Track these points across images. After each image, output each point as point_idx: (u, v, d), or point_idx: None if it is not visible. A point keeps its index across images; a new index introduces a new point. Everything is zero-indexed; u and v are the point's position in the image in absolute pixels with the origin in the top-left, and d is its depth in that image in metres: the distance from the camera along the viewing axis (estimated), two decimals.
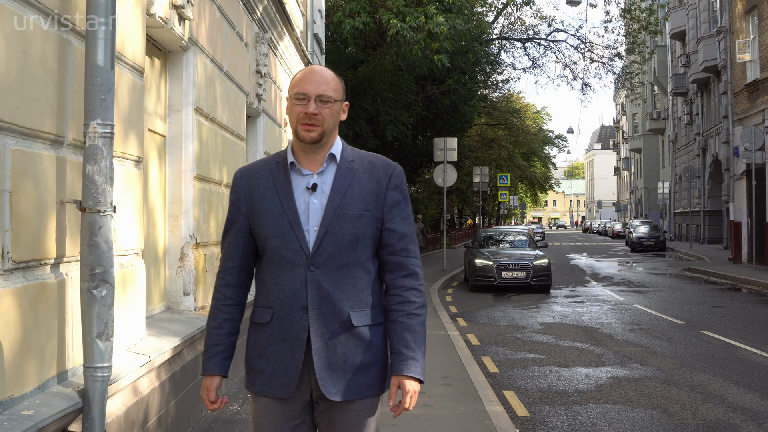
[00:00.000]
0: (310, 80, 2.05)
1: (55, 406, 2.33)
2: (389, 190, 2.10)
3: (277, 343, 2.05)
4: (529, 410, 5.44)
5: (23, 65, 2.28)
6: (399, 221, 2.11)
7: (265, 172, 2.10)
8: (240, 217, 2.11)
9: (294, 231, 2.02)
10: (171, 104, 4.38)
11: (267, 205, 2.06)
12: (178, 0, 3.87)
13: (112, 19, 2.54)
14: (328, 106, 2.04)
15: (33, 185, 2.35)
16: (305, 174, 2.07)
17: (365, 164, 2.12)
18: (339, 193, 2.05)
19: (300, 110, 2.03)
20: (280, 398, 2.05)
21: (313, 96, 2.02)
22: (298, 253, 2.02)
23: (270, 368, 2.06)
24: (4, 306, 2.16)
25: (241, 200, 2.11)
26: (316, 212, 2.04)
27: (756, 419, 5.17)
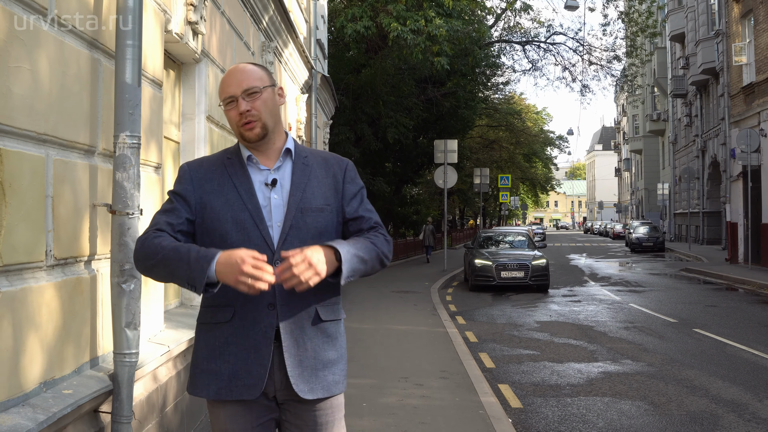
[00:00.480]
0: (230, 82, 2.00)
1: (91, 387, 2.63)
2: (346, 184, 2.10)
3: (238, 343, 1.96)
4: (522, 402, 5.73)
5: (63, 84, 2.58)
6: (362, 210, 2.10)
7: (218, 167, 2.04)
8: (184, 206, 1.99)
9: (257, 226, 1.97)
10: (184, 112, 4.67)
11: (225, 200, 1.99)
12: (192, 17, 4.16)
13: (138, 42, 2.83)
14: (256, 96, 1.99)
15: (70, 191, 2.64)
16: (262, 169, 2.04)
17: (319, 160, 2.12)
18: (299, 188, 2.03)
19: (234, 114, 1.99)
20: (242, 400, 1.97)
21: (239, 94, 1.98)
22: (262, 249, 1.93)
23: (228, 369, 1.95)
24: (48, 297, 2.45)
25: (189, 191, 2.00)
26: (278, 208, 2.01)
27: (737, 411, 5.45)
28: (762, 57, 18.23)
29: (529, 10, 19.57)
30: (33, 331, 2.35)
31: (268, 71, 2.07)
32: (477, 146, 39.72)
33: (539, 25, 25.53)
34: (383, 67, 18.45)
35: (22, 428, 2.12)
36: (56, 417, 2.30)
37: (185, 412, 3.96)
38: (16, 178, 2.24)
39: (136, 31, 2.83)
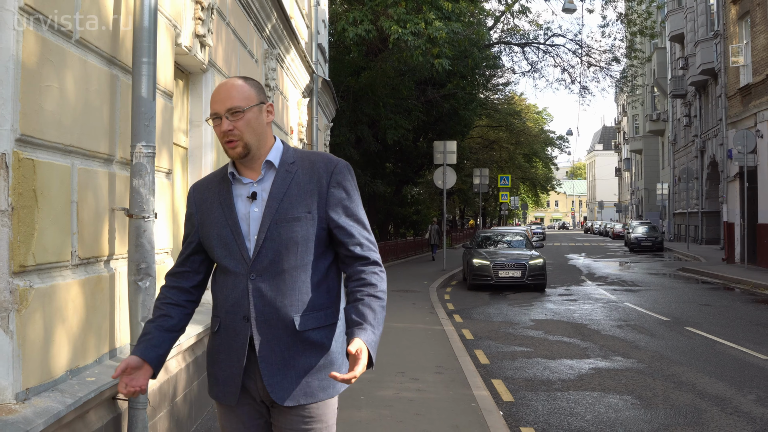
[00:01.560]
0: (216, 99, 2.03)
1: (110, 376, 2.87)
2: (331, 188, 2.07)
3: (225, 351, 2.07)
4: (513, 396, 5.97)
5: (86, 99, 2.83)
6: (345, 219, 2.07)
7: (213, 185, 2.13)
8: (192, 230, 2.14)
9: (236, 240, 2.03)
10: (192, 120, 4.92)
11: (213, 218, 2.08)
12: (200, 30, 4.41)
13: (153, 59, 3.08)
14: (238, 117, 2.01)
15: (92, 196, 2.89)
16: (245, 183, 2.08)
17: (306, 164, 2.09)
18: (276, 199, 2.04)
19: (218, 131, 2.04)
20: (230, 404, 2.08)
21: (222, 113, 2.01)
22: (240, 262, 2.02)
23: (222, 375, 2.08)
24: (73, 293, 2.70)
25: (193, 215, 2.14)
26: (255, 220, 2.04)
27: (720, 405, 5.69)
28: (759, 58, 18.45)
29: (527, 13, 19.79)
30: (60, 324, 2.60)
31: (258, 87, 2.08)
32: (477, 146, 39.95)
33: (537, 28, 25.73)
34: (383, 69, 18.69)
35: (53, 410, 2.37)
36: (81, 401, 2.55)
37: (194, 403, 4.21)
38: (46, 186, 2.49)
39: (151, 49, 3.07)
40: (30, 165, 2.39)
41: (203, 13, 4.44)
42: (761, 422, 5.18)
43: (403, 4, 15.21)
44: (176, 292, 2.15)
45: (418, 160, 26.80)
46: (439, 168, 19.07)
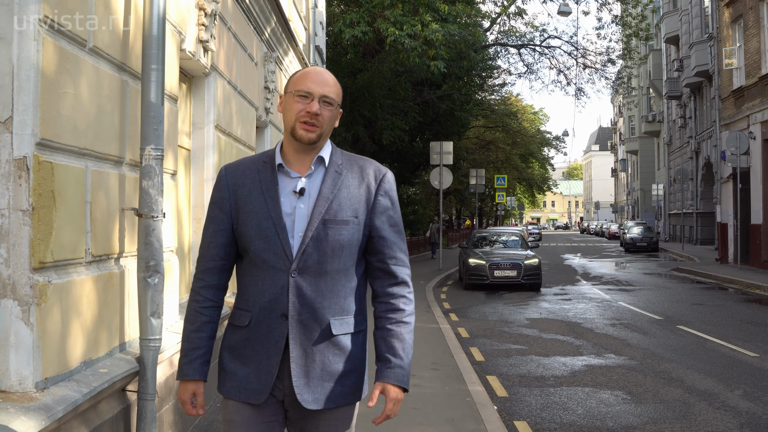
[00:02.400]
0: (314, 79, 2.00)
1: (121, 368, 3.02)
2: (379, 196, 2.06)
3: (254, 347, 2.01)
4: (508, 391, 6.13)
5: (98, 104, 2.97)
6: (388, 228, 2.07)
7: (252, 171, 2.05)
8: (222, 215, 2.05)
9: (278, 235, 1.98)
10: (195, 122, 5.06)
11: (252, 206, 2.00)
12: (203, 35, 4.55)
13: (161, 66, 3.23)
14: (329, 108, 2.01)
15: (104, 197, 3.03)
16: (293, 176, 2.03)
17: (355, 168, 2.07)
18: (326, 199, 2.00)
19: (301, 108, 1.98)
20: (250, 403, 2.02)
21: (317, 95, 1.99)
22: (281, 258, 1.97)
23: (242, 372, 2.01)
24: (87, 289, 2.84)
25: (225, 198, 2.05)
26: (302, 217, 1.99)
27: (708, 399, 5.85)
28: (751, 61, 18.66)
29: (523, 15, 19.96)
30: (76, 318, 2.74)
31: (341, 92, 2.10)
32: (473, 147, 40.12)
33: (533, 29, 25.93)
34: (380, 70, 18.84)
35: (70, 398, 2.51)
36: (96, 391, 2.70)
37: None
38: (63, 187, 2.63)
39: (159, 57, 3.22)
40: (48, 167, 2.53)
41: (206, 19, 4.58)
42: (746, 416, 5.35)
43: (399, 6, 15.37)
44: (214, 292, 2.09)
45: (415, 160, 26.97)
46: (436, 168, 19.23)
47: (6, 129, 2.41)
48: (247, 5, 6.17)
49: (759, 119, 18.06)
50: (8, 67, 2.42)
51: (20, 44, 2.43)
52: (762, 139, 17.84)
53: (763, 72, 17.68)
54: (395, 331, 2.06)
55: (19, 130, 2.42)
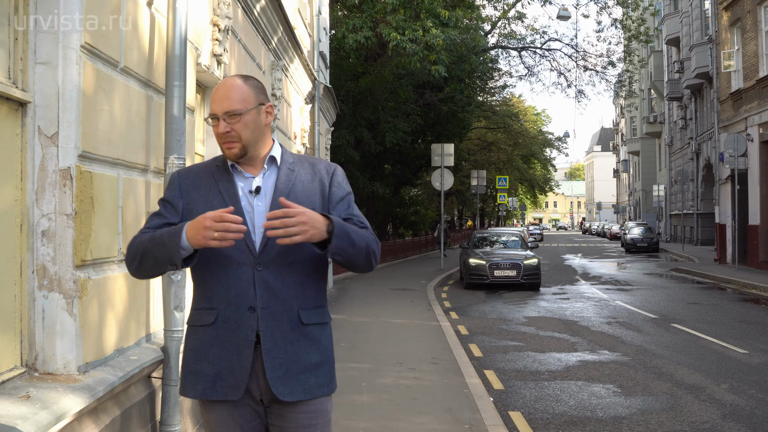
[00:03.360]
0: (215, 99, 2.03)
1: (149, 355, 3.34)
2: (333, 188, 2.12)
3: (221, 345, 1.99)
4: (504, 384, 6.44)
5: (128, 118, 3.29)
6: (347, 211, 2.12)
7: (206, 174, 2.09)
8: (173, 212, 2.07)
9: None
10: (208, 130, 5.38)
11: (210, 206, 2.00)
12: (217, 50, 4.87)
13: (183, 82, 3.55)
14: (236, 120, 2.01)
15: (133, 202, 3.36)
16: (247, 177, 2.07)
17: (305, 165, 2.13)
18: (282, 194, 2.04)
19: (215, 131, 2.03)
20: (227, 401, 2.01)
21: (221, 114, 2.01)
22: (244, 253, 1.99)
23: (212, 371, 2.00)
24: (119, 285, 3.17)
25: (176, 197, 2.07)
26: (260, 214, 2.03)
27: (694, 393, 6.16)
28: (749, 64, 18.93)
29: (523, 19, 20.30)
30: (110, 310, 3.06)
31: (257, 88, 2.09)
32: (475, 148, 40.45)
33: (533, 32, 26.26)
34: (382, 74, 19.17)
35: (108, 381, 2.84)
36: (128, 375, 3.02)
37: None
38: (100, 193, 2.96)
39: (181, 74, 3.54)
40: (88, 176, 2.85)
41: (220, 34, 4.91)
42: (730, 407, 5.65)
43: (401, 11, 15.69)
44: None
45: (417, 161, 27.30)
46: (437, 170, 19.53)
47: (53, 143, 2.74)
48: (255, 17, 6.49)
49: (756, 121, 18.34)
50: (54, 88, 2.74)
51: (65, 68, 2.76)
52: (759, 141, 18.12)
53: (761, 75, 17.96)
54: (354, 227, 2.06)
55: (64, 144, 2.74)
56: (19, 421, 2.26)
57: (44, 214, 2.74)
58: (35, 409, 2.40)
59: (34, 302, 2.74)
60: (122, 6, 3.20)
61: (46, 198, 2.73)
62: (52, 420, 2.38)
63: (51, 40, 2.75)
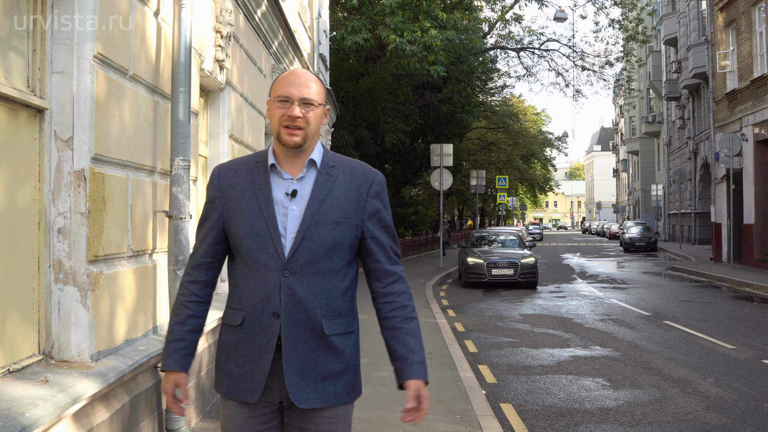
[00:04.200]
0: (293, 83, 2.00)
1: (156, 346, 3.55)
2: (369, 198, 2.08)
3: (246, 347, 2.01)
4: (496, 378, 6.65)
5: (137, 123, 3.50)
6: (380, 229, 2.10)
7: (244, 171, 2.06)
8: (215, 215, 2.07)
9: (270, 234, 1.99)
10: (211, 132, 5.60)
11: (244, 206, 2.02)
12: (219, 56, 5.09)
13: (188, 89, 3.76)
14: (311, 109, 2.01)
15: (141, 201, 3.57)
16: (285, 178, 2.04)
17: (346, 170, 2.08)
18: (318, 200, 2.02)
19: (282, 113, 1.98)
20: (246, 402, 2.02)
21: (296, 99, 1.98)
22: (273, 257, 1.98)
23: (237, 371, 2.02)
24: (128, 279, 3.38)
25: (217, 198, 2.07)
26: (294, 219, 2.01)
27: (680, 385, 6.36)
28: (744, 65, 19.14)
29: (520, 21, 20.52)
30: (120, 303, 3.27)
31: (324, 89, 2.11)
32: (475, 148, 40.64)
33: (530, 34, 26.49)
34: (381, 75, 19.38)
35: (119, 368, 3.05)
36: (137, 364, 3.23)
37: (214, 380, 4.89)
38: (111, 193, 3.17)
39: (186, 80, 3.75)
40: (101, 178, 3.06)
41: (222, 40, 5.12)
42: (713, 399, 5.86)
43: (400, 13, 15.90)
44: (201, 288, 2.10)
45: (417, 161, 27.51)
46: (436, 170, 19.74)
47: (68, 146, 2.95)
48: (257, 23, 6.70)
49: (751, 121, 18.55)
50: (69, 96, 2.95)
51: (79, 77, 2.97)
52: (754, 141, 18.33)
53: (755, 75, 18.17)
54: (406, 328, 2.09)
55: (78, 147, 2.95)
56: (39, 402, 2.47)
57: (60, 212, 2.95)
58: (54, 391, 2.61)
59: (50, 294, 2.95)
60: (131, 17, 3.41)
61: (62, 198, 2.94)
62: (69, 402, 2.59)
63: (66, 50, 2.96)
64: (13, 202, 2.75)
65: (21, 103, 2.77)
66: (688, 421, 5.24)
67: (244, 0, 6.02)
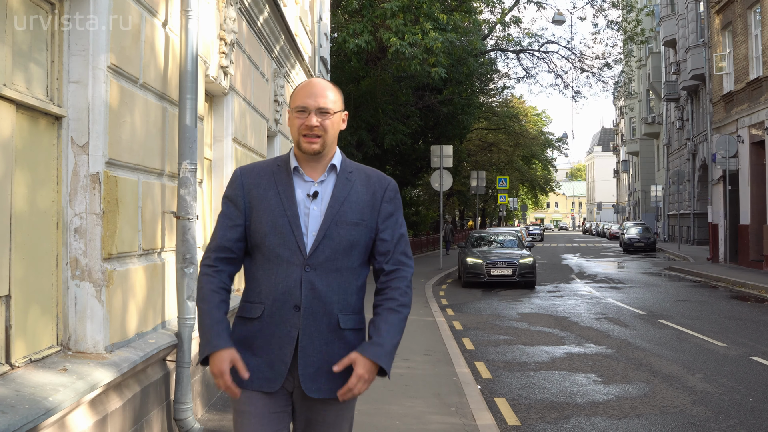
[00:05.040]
0: (309, 93, 2.12)
1: (165, 340, 3.76)
2: (384, 203, 2.20)
3: (266, 338, 2.09)
4: (492, 374, 6.85)
5: (146, 128, 3.71)
6: (392, 232, 2.21)
7: (267, 173, 2.17)
8: (237, 212, 2.15)
9: (293, 232, 2.10)
10: (215, 136, 5.81)
11: (268, 204, 2.12)
12: (224, 62, 5.29)
13: (195, 95, 3.97)
14: (327, 117, 2.12)
15: (150, 202, 3.77)
16: (307, 180, 2.16)
17: (362, 176, 2.22)
18: (338, 201, 2.14)
19: (301, 123, 2.11)
20: (263, 392, 2.10)
21: (313, 109, 2.10)
22: (295, 253, 2.09)
23: (254, 362, 2.09)
24: (139, 276, 3.59)
25: (239, 196, 2.16)
26: (315, 219, 2.13)
27: (669, 381, 6.56)
28: (740, 67, 19.33)
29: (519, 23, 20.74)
30: (132, 299, 3.48)
31: (341, 96, 2.22)
32: (476, 149, 40.83)
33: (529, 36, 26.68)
34: (382, 77, 19.59)
35: (131, 359, 3.26)
36: (148, 355, 3.44)
37: None
38: (123, 195, 3.38)
39: (193, 88, 3.96)
40: (114, 180, 3.27)
41: (226, 47, 5.32)
42: (700, 394, 6.06)
43: (401, 15, 16.10)
44: (227, 278, 2.17)
45: (417, 162, 27.70)
46: (436, 171, 19.95)
47: (84, 151, 3.15)
48: (259, 28, 6.91)
49: (747, 123, 18.74)
50: (85, 104, 3.16)
51: (94, 86, 3.18)
52: (750, 143, 18.51)
53: (751, 77, 18.36)
54: (384, 315, 2.16)
55: (93, 152, 3.16)
56: (60, 388, 2.68)
57: (76, 213, 3.16)
58: (73, 379, 2.81)
59: (68, 290, 3.15)
60: (142, 29, 3.62)
61: (78, 199, 3.15)
62: (87, 388, 2.80)
63: (82, 61, 3.17)
64: (34, 203, 2.96)
65: (41, 111, 2.98)
66: (674, 414, 5.45)
67: (247, 7, 6.23)
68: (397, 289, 2.19)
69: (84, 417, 2.90)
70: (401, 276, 2.21)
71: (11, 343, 2.76)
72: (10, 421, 2.27)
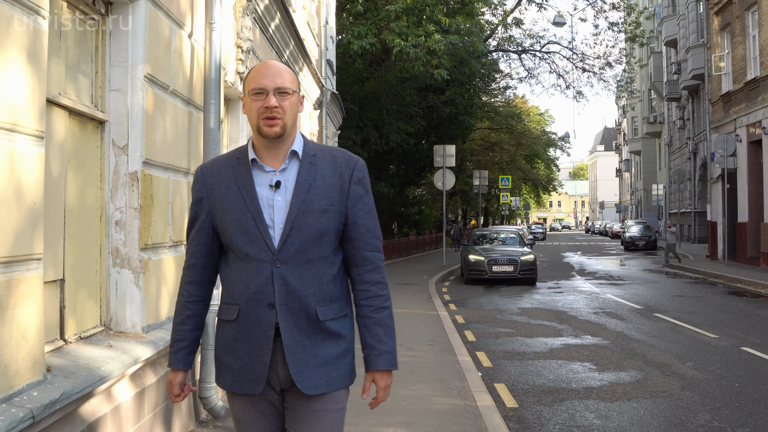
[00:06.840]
0: (265, 74, 2.02)
1: None
2: (352, 184, 2.10)
3: (244, 340, 2.04)
4: (492, 363, 7.21)
5: (175, 131, 4.08)
6: (363, 215, 2.13)
7: (227, 169, 2.09)
8: (202, 214, 2.10)
9: (258, 228, 2.02)
10: (231, 137, 6.17)
11: (230, 202, 2.04)
12: (240, 68, 5.66)
13: (218, 101, 4.34)
14: (286, 98, 2.02)
15: (179, 199, 4.14)
16: (267, 171, 2.06)
17: (328, 158, 2.11)
18: (303, 189, 2.05)
19: (259, 105, 2.00)
20: (252, 393, 2.07)
21: (271, 89, 2.00)
22: (263, 250, 2.02)
23: (238, 365, 2.05)
24: (170, 265, 3.95)
25: (203, 198, 2.10)
26: (280, 210, 2.04)
27: (660, 369, 6.91)
28: (738, 68, 19.65)
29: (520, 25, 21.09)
30: (164, 285, 3.85)
31: (297, 77, 2.14)
32: (478, 148, 41.16)
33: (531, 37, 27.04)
34: (386, 78, 19.97)
35: (165, 339, 3.63)
36: None
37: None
38: (156, 192, 3.75)
39: (216, 94, 4.33)
40: (149, 179, 3.64)
41: (243, 54, 5.69)
42: (689, 380, 6.41)
43: (404, 18, 16.47)
44: (198, 287, 2.15)
45: (420, 162, 28.08)
46: (439, 170, 20.31)
47: (124, 152, 3.52)
48: (270, 35, 7.28)
49: (745, 122, 19.06)
50: (125, 110, 3.53)
51: (132, 94, 3.55)
52: (748, 142, 18.83)
53: (749, 78, 18.68)
54: (376, 318, 2.13)
55: (132, 153, 3.53)
56: (109, 360, 3.05)
57: (117, 207, 3.53)
58: (118, 353, 3.19)
59: (109, 276, 3.53)
60: (172, 41, 3.99)
61: (119, 195, 3.52)
62: (131, 362, 3.17)
63: (122, 72, 3.53)
64: (83, 199, 3.33)
65: (88, 116, 3.35)
66: (663, 398, 5.80)
67: (260, 15, 6.60)
68: (377, 283, 2.16)
69: (127, 388, 3.27)
70: (376, 267, 2.16)
71: (65, 322, 3.13)
72: (74, 384, 2.65)
